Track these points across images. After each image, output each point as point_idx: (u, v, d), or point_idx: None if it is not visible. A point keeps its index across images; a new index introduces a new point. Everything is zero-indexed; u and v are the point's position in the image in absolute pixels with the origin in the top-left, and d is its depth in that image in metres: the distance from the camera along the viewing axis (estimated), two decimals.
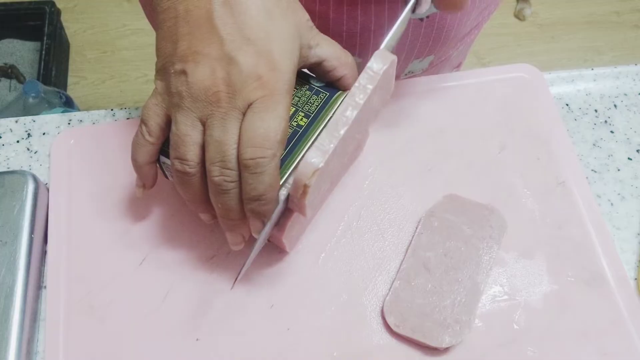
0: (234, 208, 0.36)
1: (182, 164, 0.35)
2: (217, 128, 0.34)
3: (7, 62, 1.43)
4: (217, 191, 0.35)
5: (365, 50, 0.58)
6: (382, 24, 0.54)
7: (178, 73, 0.34)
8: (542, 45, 1.64)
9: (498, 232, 0.44)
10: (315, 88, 0.40)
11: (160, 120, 0.37)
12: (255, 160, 0.34)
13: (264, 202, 0.35)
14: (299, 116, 0.39)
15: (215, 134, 0.34)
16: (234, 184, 0.35)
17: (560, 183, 0.47)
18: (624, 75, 0.54)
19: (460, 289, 0.41)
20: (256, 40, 0.34)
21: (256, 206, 0.35)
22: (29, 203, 0.43)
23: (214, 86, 0.34)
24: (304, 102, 0.39)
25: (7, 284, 0.40)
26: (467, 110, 0.50)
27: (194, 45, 0.34)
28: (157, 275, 0.42)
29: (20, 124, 0.50)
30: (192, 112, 0.34)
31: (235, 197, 0.35)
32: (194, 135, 0.35)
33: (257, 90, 0.34)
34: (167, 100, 0.36)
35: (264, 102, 0.34)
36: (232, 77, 0.33)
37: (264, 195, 0.35)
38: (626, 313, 0.42)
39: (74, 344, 0.40)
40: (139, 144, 0.37)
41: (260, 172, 0.34)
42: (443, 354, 0.40)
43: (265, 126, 0.34)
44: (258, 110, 0.34)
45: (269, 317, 0.41)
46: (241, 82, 0.33)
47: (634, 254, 0.45)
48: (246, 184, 0.34)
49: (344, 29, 0.55)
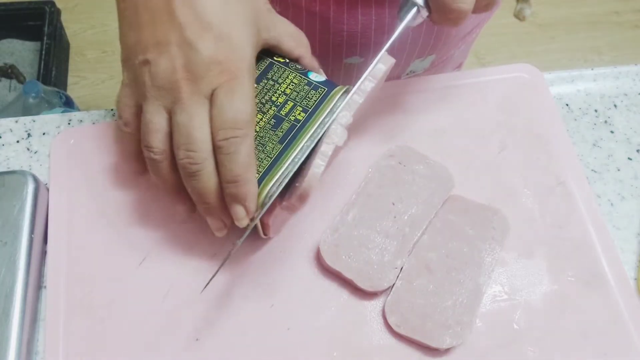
0: (206, 192, 0.36)
1: (149, 151, 0.36)
2: (181, 114, 0.35)
3: (7, 62, 1.43)
4: (186, 175, 0.36)
5: (367, 50, 0.58)
6: (382, 23, 0.54)
7: (142, 64, 0.35)
8: (542, 45, 1.64)
9: (501, 234, 0.44)
10: (314, 83, 0.40)
11: (133, 110, 0.38)
12: (228, 141, 0.34)
13: (242, 183, 0.35)
14: (297, 110, 0.39)
15: (179, 119, 0.35)
16: (199, 165, 0.35)
17: (560, 183, 0.47)
18: (624, 75, 0.54)
19: (462, 290, 0.41)
20: (215, 26, 0.35)
21: (234, 188, 0.35)
22: (29, 203, 0.43)
23: (175, 74, 0.34)
24: (303, 96, 0.40)
25: (7, 284, 0.40)
26: (467, 110, 0.50)
27: (155, 35, 0.35)
28: (157, 275, 0.42)
29: (20, 124, 0.50)
30: (156, 100, 0.36)
31: (204, 180, 0.36)
32: (158, 123, 0.36)
33: (220, 75, 0.35)
34: (134, 90, 0.37)
35: (229, 86, 0.35)
36: (192, 63, 0.34)
37: (240, 175, 0.35)
38: (626, 313, 0.42)
39: (74, 344, 0.40)
40: (122, 136, 0.39)
41: (233, 152, 0.35)
42: (443, 355, 0.40)
43: (234, 108, 0.35)
44: (224, 94, 0.35)
45: (269, 317, 0.41)
46: (202, 68, 0.34)
47: (634, 254, 0.45)
48: (222, 167, 0.35)
49: (345, 29, 0.55)
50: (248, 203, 0.36)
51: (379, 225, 0.43)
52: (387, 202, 0.44)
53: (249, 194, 0.36)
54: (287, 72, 0.41)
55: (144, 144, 0.37)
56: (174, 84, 0.35)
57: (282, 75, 0.41)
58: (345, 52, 0.58)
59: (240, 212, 0.36)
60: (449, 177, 0.46)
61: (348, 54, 0.59)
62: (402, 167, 0.45)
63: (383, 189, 0.44)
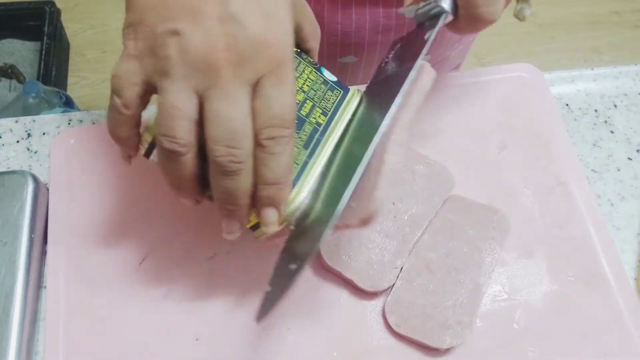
0: (239, 193, 0.31)
1: (171, 141, 0.30)
2: (221, 102, 0.29)
3: (7, 62, 1.43)
4: (219, 172, 0.31)
5: (361, 49, 0.58)
6: (377, 23, 0.54)
7: (168, 33, 0.29)
8: (542, 45, 1.64)
9: (501, 234, 0.44)
10: (330, 82, 0.38)
11: (138, 89, 0.31)
12: (275, 140, 0.30)
13: (282, 186, 0.32)
14: (316, 112, 0.36)
15: (219, 108, 0.29)
16: (241, 164, 0.30)
17: (560, 183, 0.47)
18: (624, 75, 0.54)
19: (462, 290, 0.41)
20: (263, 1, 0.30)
21: (273, 191, 0.32)
22: (29, 203, 0.43)
23: (215, 51, 0.29)
24: (320, 97, 0.37)
25: (7, 284, 0.40)
26: (467, 110, 0.50)
27: (190, 1, 0.29)
28: (157, 275, 0.42)
29: (20, 124, 0.50)
30: (185, 81, 0.29)
31: (242, 181, 0.31)
32: (187, 109, 0.30)
33: (268, 60, 0.30)
34: (149, 65, 0.30)
35: (277, 75, 0.30)
36: (238, 42, 0.29)
37: (283, 177, 0.31)
38: (626, 313, 0.42)
39: (74, 344, 0.40)
40: (116, 120, 0.33)
41: (279, 153, 0.31)
42: (443, 355, 0.40)
43: (283, 103, 0.30)
44: (272, 84, 0.30)
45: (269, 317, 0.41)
46: (250, 49, 0.29)
47: (634, 254, 0.45)
48: (263, 167, 0.31)
49: (339, 28, 0.55)
50: (282, 207, 0.33)
51: (379, 225, 0.43)
52: (387, 202, 0.44)
53: (285, 197, 0.33)
54: (303, 65, 0.38)
55: (165, 132, 0.30)
56: (212, 63, 0.29)
57: (298, 67, 0.37)
58: (339, 52, 0.58)
59: (273, 217, 0.33)
60: (449, 177, 0.46)
61: (342, 54, 0.59)
62: (402, 167, 0.45)
63: None
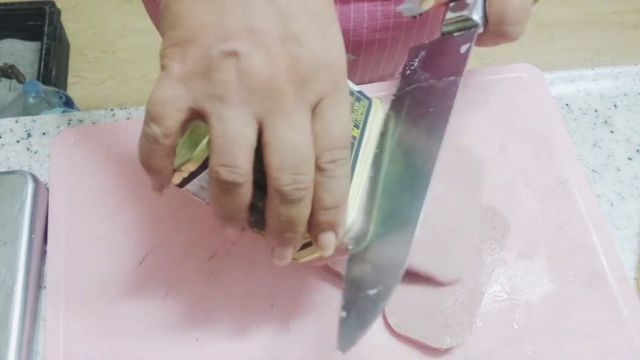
0: (300, 220, 0.30)
1: (232, 172, 0.28)
2: (285, 127, 0.28)
3: (7, 62, 1.43)
4: (283, 202, 0.29)
5: (359, 48, 0.58)
6: (375, 21, 0.54)
7: (225, 55, 0.27)
8: (542, 45, 1.64)
9: (501, 234, 0.44)
10: (356, 93, 0.36)
11: (183, 116, 0.28)
12: (335, 163, 0.29)
13: (340, 209, 0.30)
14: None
15: (283, 134, 0.27)
16: (305, 192, 0.29)
17: (560, 183, 0.47)
18: (624, 75, 0.54)
19: (462, 290, 0.41)
20: (321, 18, 0.28)
21: (333, 215, 0.30)
22: (29, 203, 0.43)
23: (278, 74, 0.27)
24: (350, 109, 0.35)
25: (7, 284, 0.40)
26: (467, 110, 0.50)
27: (248, 19, 0.27)
28: (157, 274, 0.42)
29: (20, 124, 0.50)
30: (245, 106, 0.27)
31: (303, 207, 0.29)
32: (248, 136, 0.28)
33: (328, 82, 0.28)
34: (200, 89, 0.28)
35: (335, 97, 0.29)
36: (300, 63, 0.27)
37: (341, 201, 0.30)
38: (626, 313, 0.42)
39: (74, 344, 0.40)
40: (153, 149, 0.29)
41: (339, 176, 0.30)
42: (444, 355, 0.40)
43: (342, 124, 0.29)
44: (332, 107, 0.29)
45: (269, 317, 0.41)
46: (312, 71, 0.28)
47: (634, 254, 0.45)
48: (323, 190, 0.30)
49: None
50: (340, 230, 0.31)
51: None
52: None
53: (344, 220, 0.31)
54: None
55: (225, 162, 0.28)
56: (275, 87, 0.27)
57: None
58: None
59: (331, 240, 0.31)
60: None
61: None
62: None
63: None
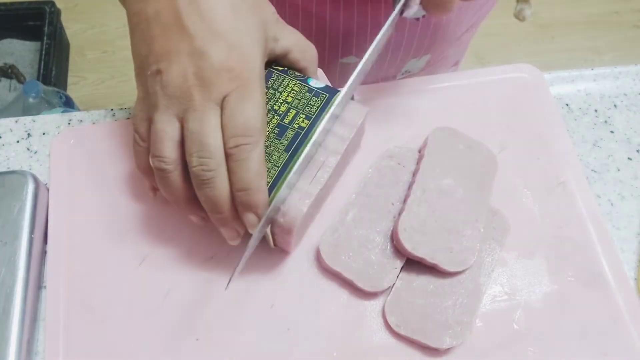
0: (220, 200, 0.36)
1: (159, 160, 0.36)
2: (194, 121, 0.34)
3: (7, 62, 1.43)
4: (199, 183, 0.35)
5: (362, 50, 0.58)
6: (378, 23, 0.54)
7: (154, 74, 0.35)
8: (542, 45, 1.64)
9: (501, 234, 0.44)
10: (315, 89, 0.41)
11: (148, 124, 0.37)
12: (239, 148, 0.34)
13: (253, 191, 0.35)
14: (300, 118, 0.39)
15: (192, 127, 0.35)
16: (213, 172, 0.35)
17: (560, 183, 0.47)
18: (624, 75, 0.54)
19: (461, 290, 0.41)
20: (225, 34, 0.35)
21: (245, 196, 0.35)
22: (29, 203, 0.43)
23: (186, 81, 0.34)
24: (305, 104, 0.40)
25: (7, 284, 0.40)
26: (467, 110, 0.50)
27: (166, 45, 0.35)
28: (157, 275, 0.42)
29: (20, 124, 0.50)
30: (167, 109, 0.35)
31: (218, 188, 0.35)
32: (170, 132, 0.35)
33: (231, 81, 0.35)
34: (147, 103, 0.36)
35: (239, 92, 0.35)
36: (204, 70, 0.34)
37: (252, 183, 0.35)
38: (626, 313, 0.42)
39: (74, 344, 0.40)
40: (137, 151, 0.38)
41: (244, 159, 0.35)
42: (443, 355, 0.40)
43: (245, 115, 0.35)
44: (235, 100, 0.35)
45: (269, 317, 0.41)
46: (213, 74, 0.34)
47: (634, 254, 0.45)
48: (233, 175, 0.35)
49: (341, 29, 0.55)
50: (260, 211, 0.36)
51: (378, 225, 0.43)
52: (387, 202, 0.44)
53: (260, 202, 0.36)
54: (287, 80, 0.41)
55: (154, 154, 0.36)
56: (185, 91, 0.34)
57: (282, 83, 0.41)
58: (341, 52, 0.58)
59: (252, 220, 0.36)
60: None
61: (344, 54, 0.59)
62: (401, 167, 0.45)
63: (383, 189, 0.44)
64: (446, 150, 0.45)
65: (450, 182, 0.43)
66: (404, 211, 0.42)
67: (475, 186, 0.44)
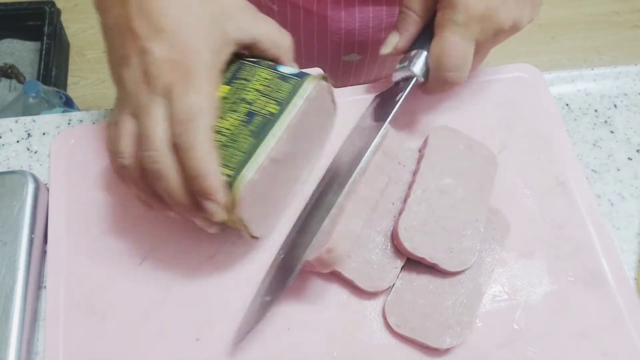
0: (173, 192, 0.35)
1: (119, 157, 0.36)
2: (141, 117, 0.35)
3: (7, 62, 1.43)
4: (149, 177, 0.36)
5: (364, 48, 0.58)
6: (380, 21, 0.54)
7: (116, 80, 0.38)
8: (542, 45, 1.64)
9: (501, 234, 0.44)
10: (285, 75, 0.40)
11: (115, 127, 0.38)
12: (182, 136, 0.34)
13: (203, 177, 0.34)
14: (269, 104, 0.39)
15: (140, 122, 0.36)
16: (159, 164, 0.35)
17: (560, 183, 0.47)
18: (624, 75, 0.54)
19: (462, 290, 0.41)
20: (168, 31, 0.36)
21: (197, 184, 0.35)
22: (29, 203, 0.43)
23: (136, 80, 0.36)
24: (274, 89, 0.40)
25: (7, 284, 0.40)
26: (467, 110, 0.50)
27: (122, 51, 0.37)
28: (157, 275, 0.42)
29: (20, 124, 0.50)
30: (125, 109, 0.37)
31: (167, 179, 0.35)
32: (125, 128, 0.36)
33: (173, 72, 0.35)
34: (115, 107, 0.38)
35: (182, 81, 0.35)
36: (148, 66, 0.35)
37: (199, 169, 0.34)
38: (626, 313, 0.42)
39: (74, 344, 0.40)
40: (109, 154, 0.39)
41: (189, 147, 0.34)
42: (443, 355, 0.40)
43: (188, 102, 0.35)
44: (178, 89, 0.35)
45: (269, 317, 0.41)
46: (156, 68, 0.35)
47: (634, 254, 0.45)
48: (181, 165, 0.35)
49: (342, 27, 0.55)
50: (215, 197, 0.35)
51: (378, 225, 0.43)
52: (387, 202, 0.44)
53: (213, 187, 0.35)
54: (257, 69, 0.41)
55: (111, 149, 0.37)
56: (134, 89, 0.36)
57: (252, 72, 0.41)
58: (343, 50, 0.59)
59: (210, 207, 0.35)
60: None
61: (346, 52, 0.59)
62: (401, 167, 0.45)
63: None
64: (446, 150, 0.45)
65: (450, 181, 0.43)
66: (404, 211, 0.42)
67: (475, 186, 0.44)
